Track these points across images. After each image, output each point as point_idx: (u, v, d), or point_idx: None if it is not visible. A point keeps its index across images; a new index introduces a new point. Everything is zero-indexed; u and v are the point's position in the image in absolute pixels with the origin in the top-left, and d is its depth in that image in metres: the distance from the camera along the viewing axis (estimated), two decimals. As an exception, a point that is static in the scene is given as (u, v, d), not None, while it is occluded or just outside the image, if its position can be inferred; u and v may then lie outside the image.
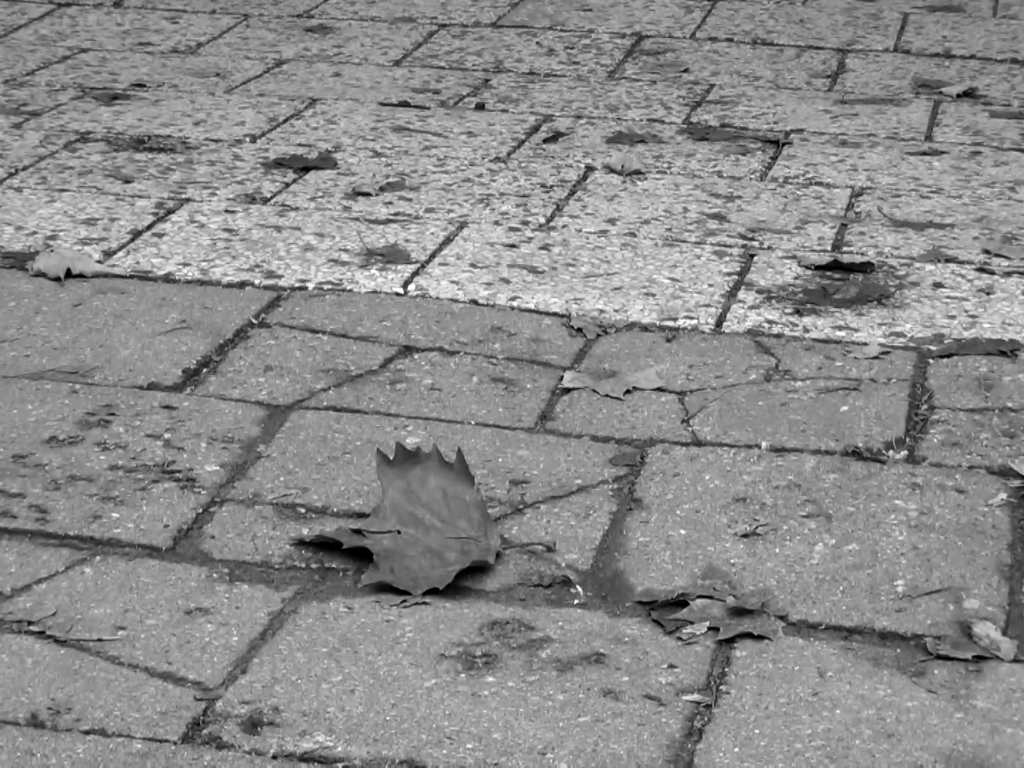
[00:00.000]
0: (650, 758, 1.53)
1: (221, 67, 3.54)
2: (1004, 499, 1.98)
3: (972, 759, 1.54)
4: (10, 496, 1.94)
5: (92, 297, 2.44)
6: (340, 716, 1.58)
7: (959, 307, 2.47)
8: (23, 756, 1.52)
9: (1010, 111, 3.38)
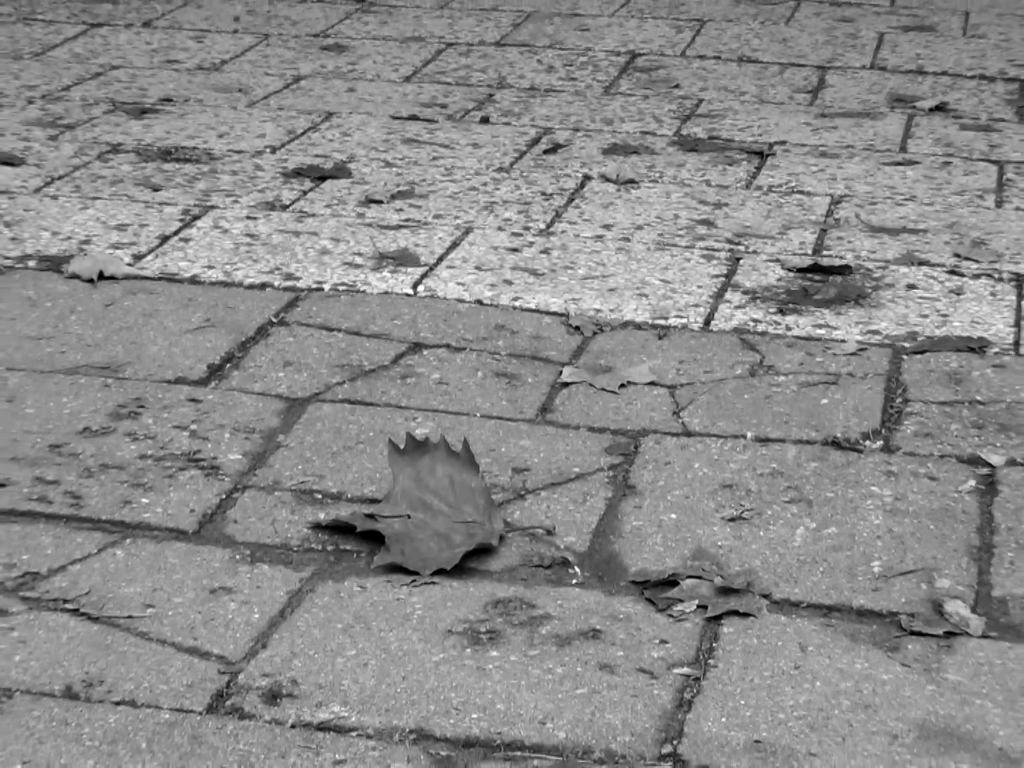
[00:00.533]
0: (643, 727, 1.53)
1: (243, 83, 3.55)
2: (973, 486, 1.98)
3: (943, 729, 1.54)
4: (47, 483, 1.94)
5: (123, 298, 2.45)
6: (354, 688, 1.58)
7: (931, 307, 2.47)
8: (58, 725, 1.52)
9: (979, 124, 3.38)
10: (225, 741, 1.50)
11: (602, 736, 1.52)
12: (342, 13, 4.15)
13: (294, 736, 1.51)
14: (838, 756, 1.50)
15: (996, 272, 2.61)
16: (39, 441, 2.04)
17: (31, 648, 1.63)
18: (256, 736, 1.51)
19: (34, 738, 1.50)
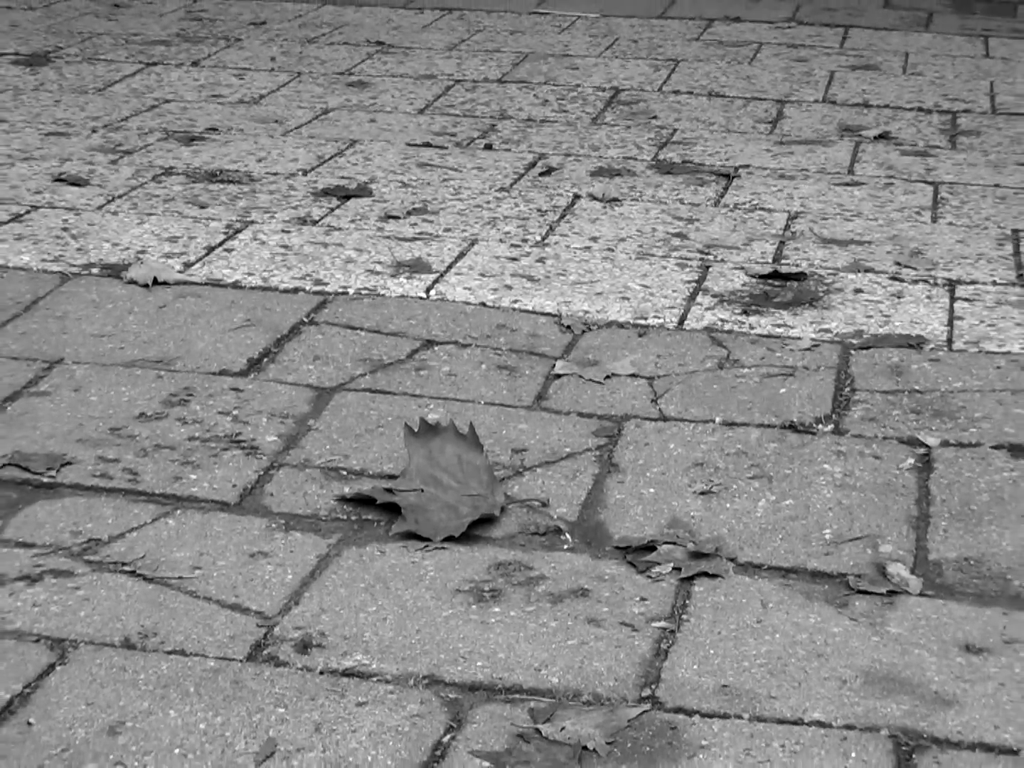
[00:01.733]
0: (625, 673, 1.53)
1: (279, 115, 3.54)
2: (912, 463, 1.97)
3: (886, 675, 1.54)
4: (108, 461, 1.94)
5: (174, 301, 2.44)
6: (374, 639, 1.58)
7: (875, 308, 2.47)
8: (117, 671, 1.52)
9: (917, 150, 3.37)
10: (263, 685, 1.50)
11: (590, 681, 1.52)
12: (364, 54, 4.15)
13: (322, 681, 1.51)
14: (795, 698, 1.50)
15: (932, 278, 2.61)
16: (101, 425, 2.03)
17: (94, 605, 1.63)
18: (289, 681, 1.51)
19: (96, 683, 1.50)
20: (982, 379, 2.22)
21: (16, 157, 3.16)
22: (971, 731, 1.46)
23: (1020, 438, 2.04)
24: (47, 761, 1.39)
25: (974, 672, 1.55)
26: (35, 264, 2.58)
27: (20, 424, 2.03)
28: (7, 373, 2.18)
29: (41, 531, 1.78)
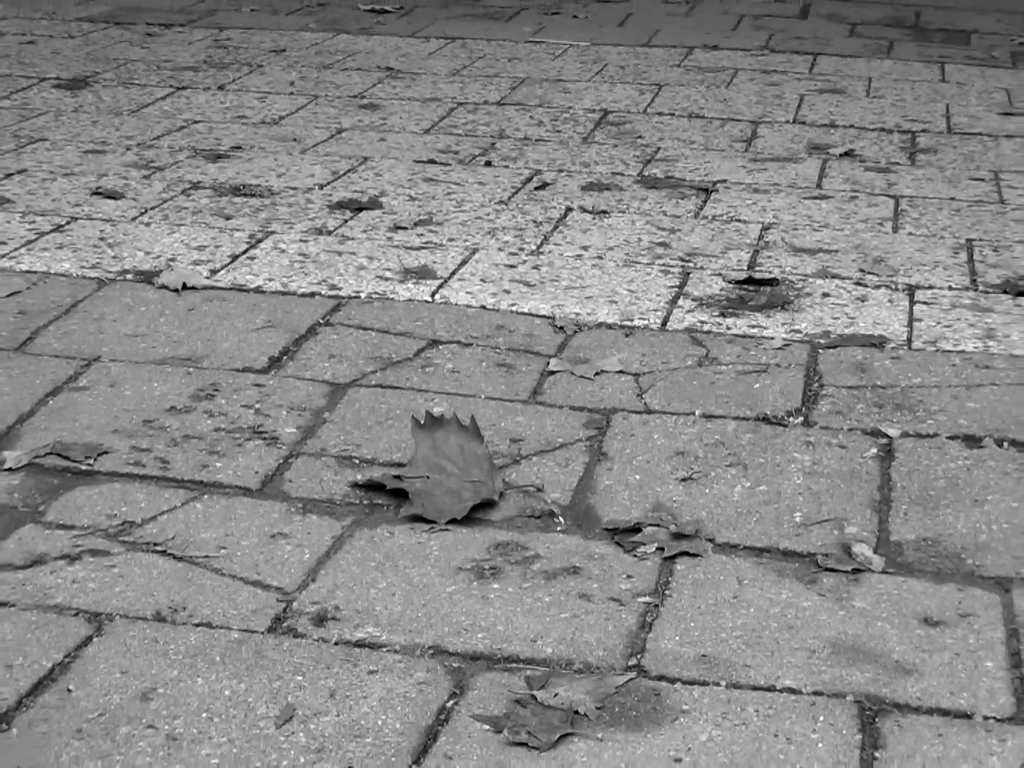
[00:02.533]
0: (613, 644, 1.53)
1: (297, 134, 3.54)
2: (875, 453, 1.97)
3: (852, 645, 1.54)
4: (141, 451, 1.94)
5: (202, 304, 2.44)
6: (384, 613, 1.58)
7: (841, 311, 2.47)
8: (149, 642, 1.52)
9: (879, 166, 3.37)
10: (282, 655, 1.50)
11: (581, 651, 1.52)
12: (375, 79, 4.15)
13: (337, 651, 1.51)
14: (768, 667, 1.50)
15: (893, 284, 2.61)
16: (135, 417, 2.03)
17: (128, 581, 1.63)
18: (307, 651, 1.51)
19: (130, 652, 1.50)
20: (939, 376, 2.22)
21: (57, 172, 3.16)
22: (929, 697, 1.46)
23: (973, 429, 2.04)
24: (85, 724, 1.39)
25: (932, 643, 1.55)
26: (75, 271, 2.58)
27: (61, 416, 2.03)
28: (49, 370, 2.18)
29: (80, 514, 1.78)
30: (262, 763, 1.34)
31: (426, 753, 1.36)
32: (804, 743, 1.38)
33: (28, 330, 2.32)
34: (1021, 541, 1.75)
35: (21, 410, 2.05)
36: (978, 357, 2.29)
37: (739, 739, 1.39)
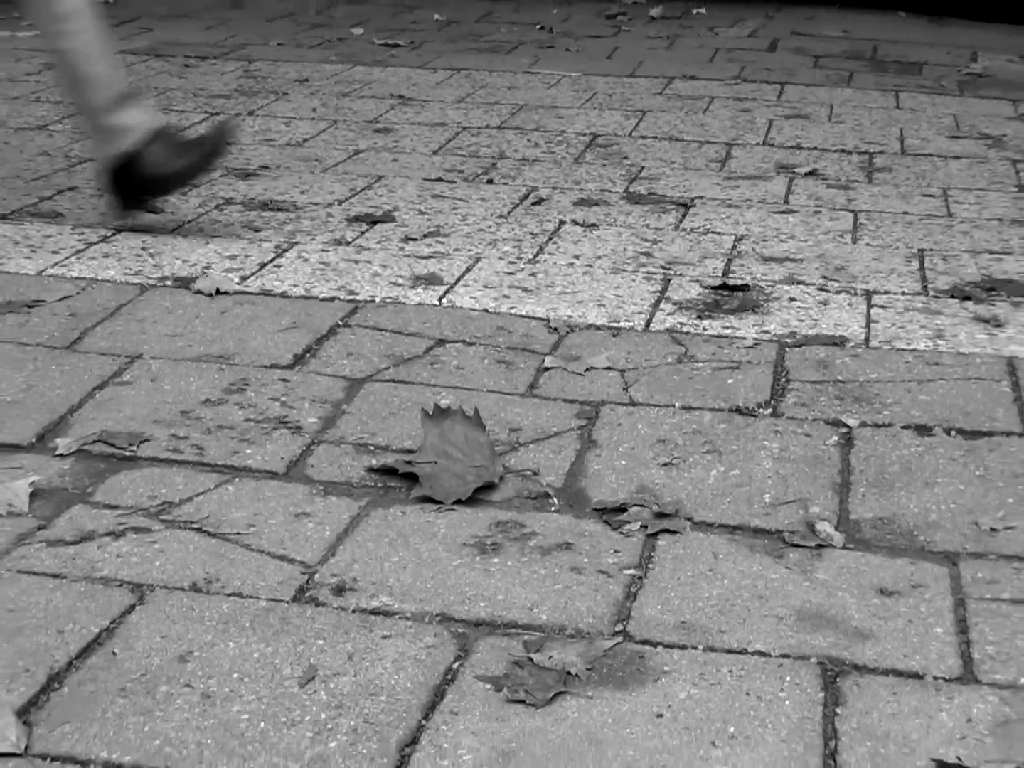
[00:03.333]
0: (602, 612, 1.53)
1: (319, 155, 3.53)
2: (836, 440, 1.97)
3: (815, 613, 1.54)
4: (179, 438, 1.94)
5: (233, 307, 2.44)
6: (397, 584, 1.58)
7: (806, 313, 2.46)
8: (186, 610, 1.52)
9: (840, 184, 3.37)
10: (305, 622, 1.50)
11: (573, 618, 1.52)
12: (388, 105, 4.14)
13: (354, 618, 1.51)
14: (740, 632, 1.50)
15: (852, 289, 2.61)
16: (173, 409, 2.03)
17: (167, 555, 1.63)
18: (327, 618, 1.51)
19: (169, 619, 1.50)
20: (893, 371, 2.22)
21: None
22: (885, 659, 1.46)
23: (924, 420, 2.04)
24: (128, 684, 1.39)
25: (887, 611, 1.55)
26: (119, 277, 2.58)
27: (107, 408, 2.03)
28: (96, 366, 2.18)
29: (124, 495, 1.78)
30: (287, 719, 1.34)
31: (434, 709, 1.36)
32: (773, 701, 1.39)
33: (77, 330, 2.32)
34: (967, 520, 1.75)
35: (71, 402, 2.05)
36: (928, 355, 2.29)
37: (714, 697, 1.39)
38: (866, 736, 1.34)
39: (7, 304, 2.43)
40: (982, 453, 1.94)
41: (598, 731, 1.34)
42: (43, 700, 1.36)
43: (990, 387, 2.16)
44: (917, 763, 1.30)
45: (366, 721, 1.34)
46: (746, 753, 1.31)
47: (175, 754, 1.29)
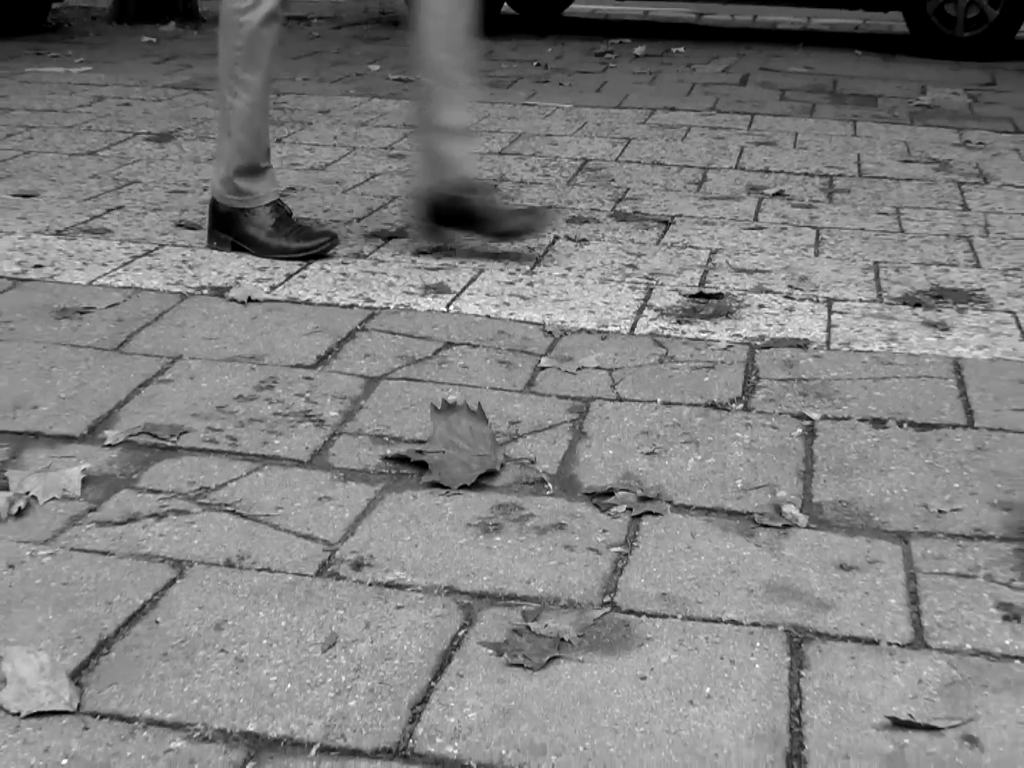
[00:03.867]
0: (592, 585, 1.53)
1: (339, 178, 3.53)
2: (800, 432, 1.97)
3: (782, 586, 1.54)
4: (215, 430, 1.93)
5: (263, 313, 2.44)
6: (409, 560, 1.58)
7: (774, 319, 2.46)
8: (221, 584, 1.51)
9: (804, 203, 3.36)
10: (327, 594, 1.50)
11: (566, 591, 1.52)
12: (401, 134, 4.13)
13: (371, 591, 1.51)
14: (715, 603, 1.50)
15: (815, 297, 2.60)
16: (209, 404, 2.03)
17: (204, 535, 1.62)
18: (347, 591, 1.50)
19: (206, 592, 1.49)
20: (851, 370, 2.21)
21: (148, 208, 3.15)
22: (844, 627, 1.46)
23: (879, 413, 2.04)
24: (169, 649, 1.39)
25: (846, 584, 1.54)
26: (161, 287, 2.58)
27: (151, 403, 2.03)
28: (142, 366, 2.17)
29: (165, 481, 1.77)
30: (311, 680, 1.34)
31: (442, 672, 1.36)
32: (744, 664, 1.38)
33: (124, 334, 2.32)
34: (917, 503, 1.75)
35: (118, 398, 2.04)
36: (883, 356, 2.29)
37: (692, 661, 1.39)
38: (827, 696, 1.33)
39: (61, 310, 2.42)
40: (931, 443, 1.93)
41: (588, 691, 1.33)
42: (93, 664, 1.36)
43: (938, 384, 2.16)
44: (873, 720, 1.30)
45: (381, 682, 1.34)
46: (721, 711, 1.31)
47: (211, 712, 1.29)
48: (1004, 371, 2.22)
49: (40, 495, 1.71)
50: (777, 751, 1.25)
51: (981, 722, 1.30)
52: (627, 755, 1.24)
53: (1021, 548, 1.63)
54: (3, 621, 1.43)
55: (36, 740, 1.25)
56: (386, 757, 1.23)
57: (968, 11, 6.05)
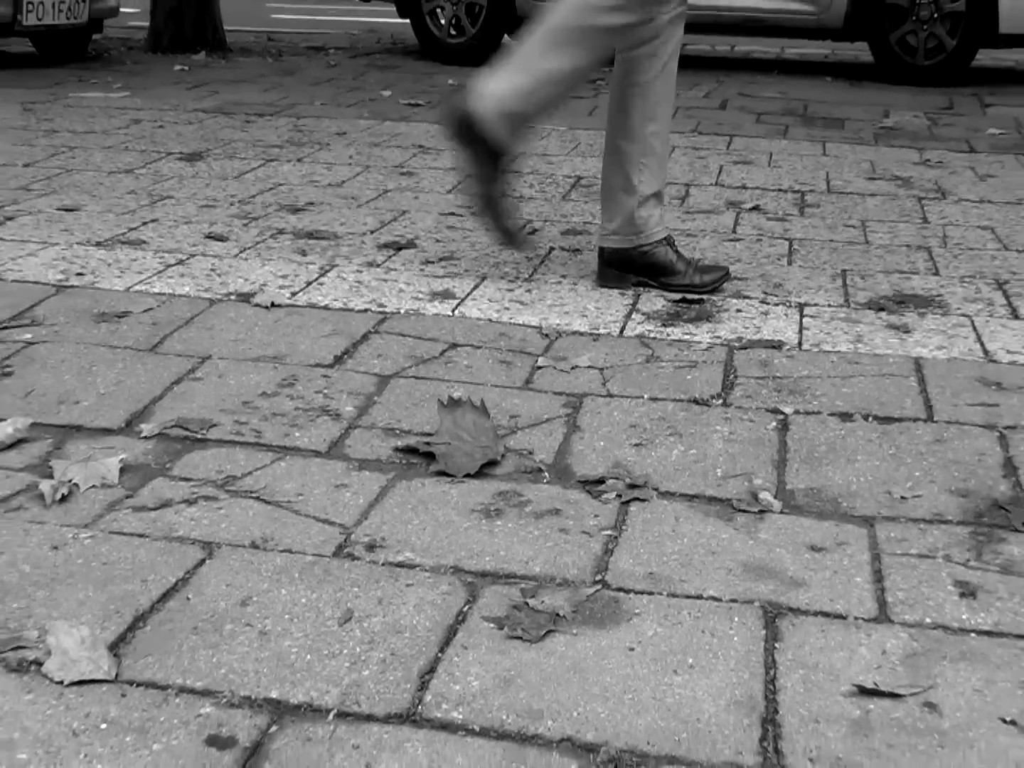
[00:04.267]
0: (584, 565, 1.53)
1: (354, 194, 3.52)
2: (775, 425, 1.97)
3: (758, 566, 1.53)
4: (241, 424, 1.93)
5: (285, 317, 2.43)
6: (418, 542, 1.57)
7: (750, 322, 2.46)
8: (246, 563, 1.51)
9: (778, 217, 3.36)
10: (344, 573, 1.49)
11: (560, 570, 1.52)
12: (411, 153, 4.13)
13: (383, 570, 1.50)
14: (697, 581, 1.49)
15: (788, 302, 2.60)
16: (236, 399, 2.02)
17: (231, 519, 1.62)
18: (361, 570, 1.50)
19: (233, 571, 1.49)
20: (821, 369, 2.21)
21: (180, 221, 3.15)
22: (815, 603, 1.45)
23: (847, 408, 2.03)
24: (199, 623, 1.38)
25: (817, 564, 1.54)
26: (192, 293, 2.57)
27: (183, 399, 2.02)
28: (174, 365, 2.17)
29: (196, 470, 1.77)
30: (328, 652, 1.34)
31: (448, 644, 1.36)
32: (724, 636, 1.38)
33: (158, 336, 2.31)
34: (881, 489, 1.75)
35: (153, 394, 2.04)
36: (850, 356, 2.28)
37: (676, 634, 1.38)
38: (799, 666, 1.33)
39: (101, 315, 2.42)
40: (894, 435, 1.93)
41: (581, 662, 1.33)
42: (130, 636, 1.36)
43: (900, 382, 2.15)
44: (841, 688, 1.30)
45: (393, 654, 1.34)
46: (702, 679, 1.30)
47: (237, 680, 1.29)
48: (960, 370, 2.22)
49: (81, 483, 1.71)
50: (754, 716, 1.25)
51: (940, 690, 1.30)
52: (616, 720, 1.24)
53: (976, 531, 1.63)
54: (47, 597, 1.43)
55: (77, 706, 1.24)
56: (397, 722, 1.23)
57: (928, 41, 6.05)
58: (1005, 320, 2.50)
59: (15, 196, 3.38)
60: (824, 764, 1.18)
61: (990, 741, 1.22)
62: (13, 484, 1.71)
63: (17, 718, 1.22)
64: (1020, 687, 1.30)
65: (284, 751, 1.19)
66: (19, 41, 7.34)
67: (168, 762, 1.17)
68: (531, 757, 1.18)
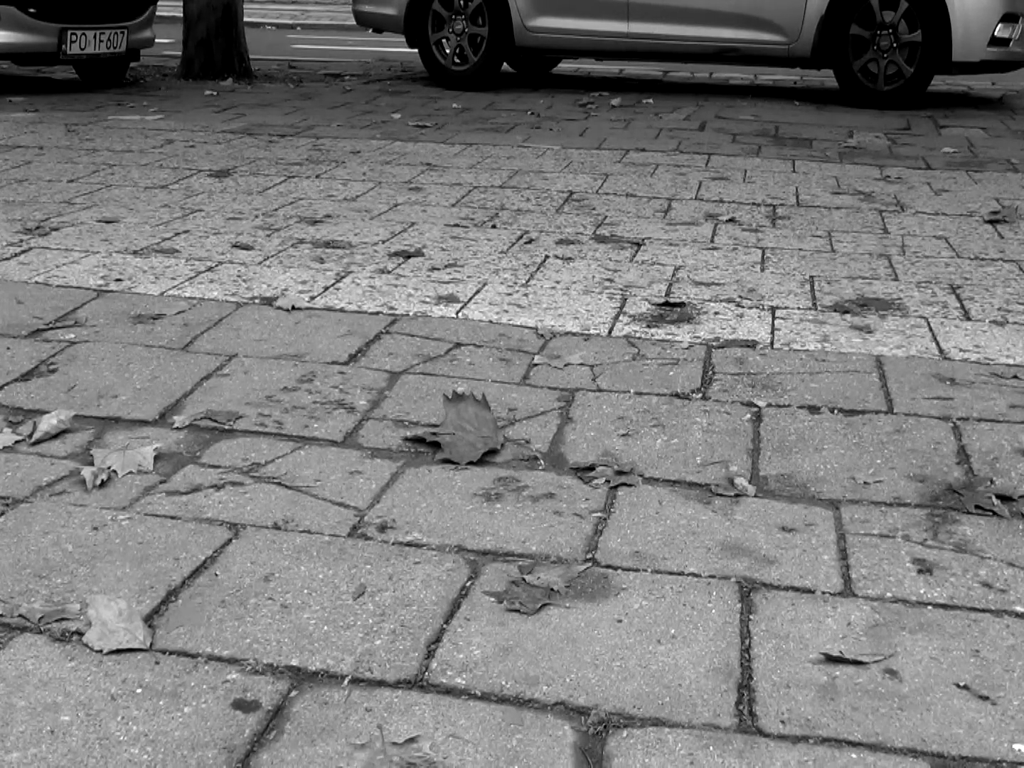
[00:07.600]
0: (576, 544, 1.52)
1: (367, 207, 3.51)
2: (750, 417, 1.96)
3: (734, 545, 1.53)
4: (264, 416, 1.92)
5: (305, 319, 2.42)
6: (425, 524, 1.57)
7: (727, 324, 2.45)
8: (269, 543, 1.50)
9: (752, 228, 3.35)
10: (357, 551, 1.49)
11: (554, 549, 1.51)
12: (419, 171, 4.12)
13: (393, 549, 1.50)
14: (679, 559, 1.49)
15: (761, 305, 2.59)
16: (260, 394, 2.02)
17: (255, 502, 1.62)
18: (374, 549, 1.50)
19: (256, 550, 1.49)
20: (791, 366, 2.20)
21: (209, 232, 3.14)
22: (786, 579, 1.45)
23: (814, 402, 2.03)
24: (226, 597, 1.38)
25: (787, 543, 1.54)
26: (220, 297, 2.56)
27: (211, 392, 2.02)
28: (204, 363, 2.16)
29: (223, 458, 1.76)
30: (343, 623, 1.33)
31: (452, 616, 1.35)
32: (703, 609, 1.37)
33: (189, 336, 2.31)
34: (846, 475, 1.74)
35: (185, 389, 2.03)
36: (817, 354, 2.28)
37: (660, 607, 1.38)
38: (772, 636, 1.33)
39: (137, 317, 2.41)
40: (857, 426, 1.93)
41: (574, 632, 1.32)
42: (163, 609, 1.35)
43: (863, 378, 2.15)
44: (810, 656, 1.29)
45: (402, 625, 1.33)
46: (683, 648, 1.30)
47: (261, 649, 1.28)
48: (918, 367, 2.21)
49: (119, 469, 1.70)
50: (730, 682, 1.24)
51: (900, 658, 1.29)
52: (606, 685, 1.23)
53: (933, 513, 1.63)
54: (88, 573, 1.42)
55: (115, 672, 1.24)
56: (406, 687, 1.23)
57: (888, 69, 6.04)
58: (958, 321, 2.50)
59: (60, 209, 3.37)
60: (794, 725, 1.18)
61: (946, 704, 1.22)
62: (58, 470, 1.70)
63: (61, 684, 1.22)
64: (973, 655, 1.30)
65: (303, 714, 1.18)
66: (63, 69, 7.34)
67: (198, 724, 1.16)
68: (528, 719, 1.18)
